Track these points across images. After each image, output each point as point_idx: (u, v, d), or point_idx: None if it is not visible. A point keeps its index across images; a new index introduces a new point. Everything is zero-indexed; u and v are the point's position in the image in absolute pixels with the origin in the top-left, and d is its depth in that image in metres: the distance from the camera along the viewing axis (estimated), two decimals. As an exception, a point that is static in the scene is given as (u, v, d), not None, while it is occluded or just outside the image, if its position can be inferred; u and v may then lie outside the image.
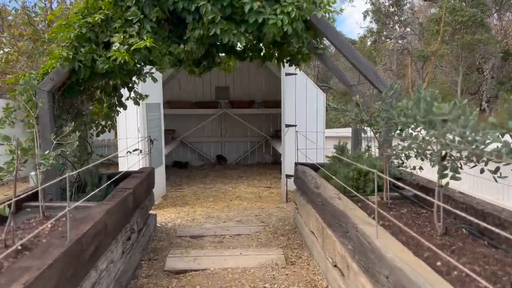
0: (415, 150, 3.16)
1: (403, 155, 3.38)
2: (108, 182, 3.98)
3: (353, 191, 3.50)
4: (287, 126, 6.85)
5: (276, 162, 10.67)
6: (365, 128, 3.80)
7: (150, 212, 5.25)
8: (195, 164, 10.55)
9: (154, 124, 6.70)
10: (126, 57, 3.75)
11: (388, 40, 25.52)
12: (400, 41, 26.02)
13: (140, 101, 5.63)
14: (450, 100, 2.39)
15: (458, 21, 18.56)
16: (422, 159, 3.24)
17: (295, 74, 7.27)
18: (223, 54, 5.24)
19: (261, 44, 5.10)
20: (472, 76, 20.99)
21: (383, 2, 25.30)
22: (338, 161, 4.85)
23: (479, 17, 18.27)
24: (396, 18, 25.65)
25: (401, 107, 3.04)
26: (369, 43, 27.33)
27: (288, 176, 6.70)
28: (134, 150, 5.34)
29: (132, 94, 5.37)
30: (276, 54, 5.16)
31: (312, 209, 4.30)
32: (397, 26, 26.44)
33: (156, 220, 5.42)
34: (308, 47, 5.06)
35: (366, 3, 34.87)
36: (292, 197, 5.73)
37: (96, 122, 5.06)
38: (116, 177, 4.16)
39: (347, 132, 12.98)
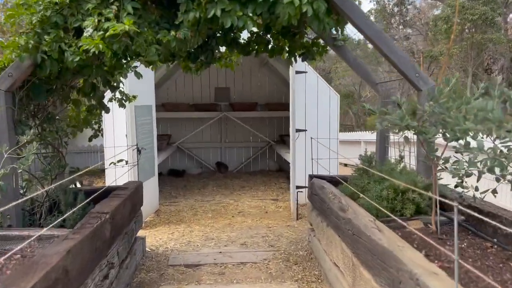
0: (488, 166, 2.34)
1: (462, 171, 2.55)
2: (86, 201, 3.14)
3: (390, 215, 2.69)
4: (298, 131, 6.01)
5: (281, 170, 9.83)
6: (406, 134, 2.98)
7: (138, 235, 4.40)
8: (192, 172, 9.70)
9: (144, 129, 5.86)
10: (101, 46, 2.92)
11: (394, 41, 24.69)
12: (404, 42, 25.24)
13: (127, 103, 4.82)
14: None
15: (468, 20, 17.77)
16: (498, 180, 2.41)
17: (305, 72, 6.45)
18: (224, 48, 4.45)
19: (268, 36, 4.30)
20: (482, 77, 20.20)
21: (388, 2, 24.55)
22: (363, 174, 4.02)
23: (490, 15, 17.49)
24: (400, 17, 24.88)
25: (475, 108, 2.21)
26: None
27: (298, 188, 5.86)
28: (119, 161, 4.50)
29: (118, 95, 4.56)
30: (287, 47, 4.36)
31: (335, 236, 3.45)
32: (401, 26, 25.67)
33: (145, 244, 4.57)
34: (326, 38, 4.27)
35: (370, 1, 34.14)
36: (307, 216, 4.89)
37: (72, 127, 4.24)
38: (96, 195, 3.34)
39: (359, 136, 12.07)
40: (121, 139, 5.77)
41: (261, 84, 10.01)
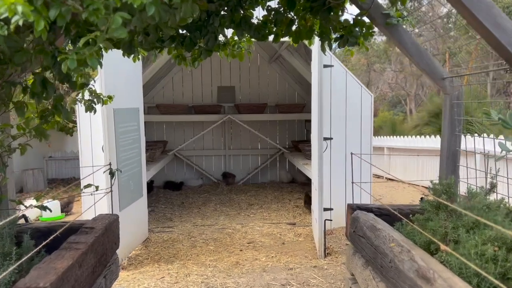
0: None
1: None
2: (36, 250, 1.87)
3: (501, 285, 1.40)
4: (326, 139, 4.69)
5: (294, 181, 8.51)
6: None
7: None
8: (192, 184, 8.39)
9: (128, 138, 4.56)
10: (21, 9, 1.60)
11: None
12: (418, 39, 23.89)
13: (100, 106, 3.53)
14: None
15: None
16: None
17: (331, 66, 5.13)
18: (231, 32, 3.22)
19: (291, 13, 3.02)
20: (504, 76, 18.84)
21: (400, -4, 23.21)
22: (438, 212, 2.73)
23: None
24: (414, 13, 23.54)
25: None
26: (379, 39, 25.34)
27: (325, 210, 4.55)
28: (85, 187, 3.22)
29: (87, 95, 3.29)
30: (318, 28, 3.08)
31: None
32: (414, 22, 24.31)
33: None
34: (373, 15, 3.04)
35: (379, -2, 32.88)
36: (346, 261, 3.56)
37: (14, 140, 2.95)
38: (52, 238, 2.07)
39: (380, 141, 10.67)
40: (101, 152, 4.47)
41: (271, 82, 8.70)
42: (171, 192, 7.75)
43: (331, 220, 4.62)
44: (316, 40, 3.70)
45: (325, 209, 4.52)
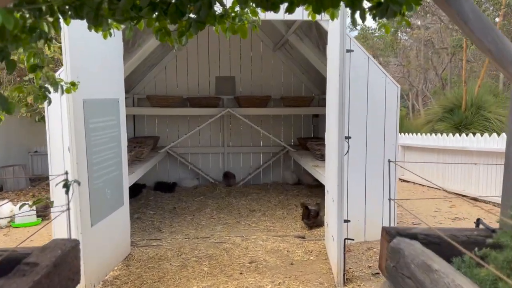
0: None
1: None
2: None
3: None
4: (347, 138, 3.83)
5: (299, 183, 7.68)
6: None
7: None
8: (186, 184, 7.56)
9: (102, 137, 3.71)
10: None
11: (416, 29, 22.45)
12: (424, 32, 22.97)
13: (60, 95, 2.74)
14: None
15: (506, 4, 15.48)
16: None
17: (351, 51, 4.27)
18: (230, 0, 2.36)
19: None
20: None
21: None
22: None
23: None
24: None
25: None
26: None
27: (346, 222, 3.70)
28: (34, 203, 2.43)
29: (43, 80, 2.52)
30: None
31: None
32: (421, 13, 23.38)
33: None
34: None
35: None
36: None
37: None
38: None
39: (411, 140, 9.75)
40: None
41: (276, 72, 7.84)
42: (162, 195, 6.92)
43: (352, 240, 3.79)
44: (340, 13, 2.87)
45: (346, 221, 3.67)
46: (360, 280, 3.67)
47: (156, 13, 2.08)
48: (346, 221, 3.86)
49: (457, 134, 7.06)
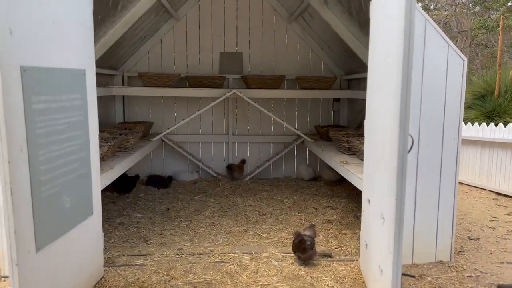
0: None
1: None
2: None
3: None
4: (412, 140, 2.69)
5: (316, 179, 6.58)
6: None
7: None
8: (184, 178, 6.48)
9: (58, 122, 2.60)
10: None
11: (435, 10, 21.04)
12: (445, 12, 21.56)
13: None
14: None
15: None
16: None
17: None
18: None
19: None
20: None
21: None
22: None
23: None
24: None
25: None
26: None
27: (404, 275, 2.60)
28: None
29: None
30: None
31: None
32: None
33: None
34: None
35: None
36: None
37: None
38: None
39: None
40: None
41: (291, 48, 6.67)
42: (155, 191, 5.84)
43: (413, 277, 2.69)
44: None
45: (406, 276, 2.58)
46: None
47: None
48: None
49: (509, 124, 5.89)
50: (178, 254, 3.73)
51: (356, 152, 4.54)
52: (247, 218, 4.79)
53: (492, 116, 9.85)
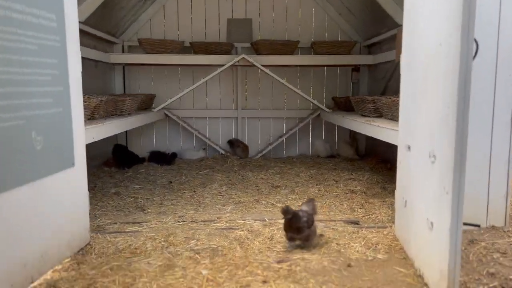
0: None
1: None
2: None
3: None
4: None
5: (333, 156, 6.01)
6: None
7: None
8: (190, 156, 5.96)
9: (20, 38, 2.08)
10: None
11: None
12: None
13: None
14: None
15: None
16: None
17: None
18: None
19: None
20: None
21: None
22: None
23: None
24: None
25: None
26: None
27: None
28: None
29: None
30: None
31: None
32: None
33: None
34: None
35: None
36: None
37: None
38: None
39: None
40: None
41: (305, 14, 6.13)
42: (157, 168, 5.33)
43: (478, 226, 2.12)
44: None
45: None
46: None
47: None
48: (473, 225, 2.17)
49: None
50: (179, 221, 3.20)
51: (384, 112, 3.96)
52: (259, 190, 4.25)
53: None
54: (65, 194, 2.49)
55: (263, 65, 5.51)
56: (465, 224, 1.92)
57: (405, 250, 2.59)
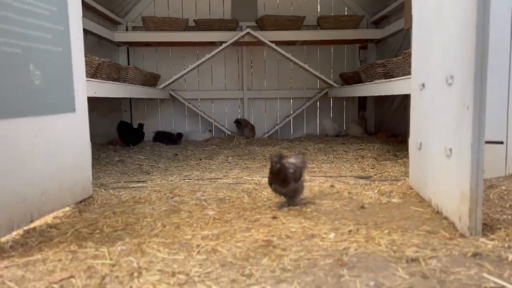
0: None
1: None
2: None
3: None
4: None
5: (339, 135, 5.89)
6: None
7: None
8: (196, 138, 5.88)
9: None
10: None
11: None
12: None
13: None
14: None
15: None
16: None
17: None
18: None
19: None
20: None
21: None
22: None
23: None
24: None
25: None
26: None
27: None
28: None
29: None
30: None
31: None
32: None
33: None
34: None
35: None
36: None
37: None
38: None
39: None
40: None
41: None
42: (162, 146, 5.24)
43: (502, 143, 2.00)
44: None
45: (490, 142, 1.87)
46: (508, 223, 1.88)
47: None
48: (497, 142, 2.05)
49: None
50: (184, 179, 3.10)
51: (395, 74, 3.85)
52: (266, 159, 4.14)
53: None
54: (66, 138, 2.40)
55: (269, 41, 5.42)
56: (487, 142, 1.79)
57: (420, 196, 2.47)
